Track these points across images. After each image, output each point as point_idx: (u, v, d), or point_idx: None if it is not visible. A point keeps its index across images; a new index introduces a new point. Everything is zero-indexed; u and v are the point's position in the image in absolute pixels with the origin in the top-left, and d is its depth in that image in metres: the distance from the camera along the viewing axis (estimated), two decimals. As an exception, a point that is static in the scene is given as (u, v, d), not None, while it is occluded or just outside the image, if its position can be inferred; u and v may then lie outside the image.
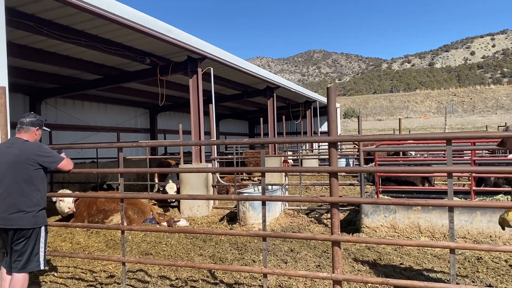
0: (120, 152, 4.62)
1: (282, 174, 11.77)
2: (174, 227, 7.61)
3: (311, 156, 18.47)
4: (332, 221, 3.56)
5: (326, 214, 8.76)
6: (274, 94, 17.33)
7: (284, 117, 18.08)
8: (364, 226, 7.03)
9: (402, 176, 9.01)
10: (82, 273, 5.31)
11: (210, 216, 9.31)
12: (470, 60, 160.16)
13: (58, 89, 13.77)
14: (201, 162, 10.41)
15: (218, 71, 12.66)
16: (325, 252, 6.00)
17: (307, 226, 7.94)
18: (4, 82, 4.57)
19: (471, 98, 69.39)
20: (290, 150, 20.50)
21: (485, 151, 11.87)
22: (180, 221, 8.37)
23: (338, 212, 3.57)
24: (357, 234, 7.05)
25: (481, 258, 5.51)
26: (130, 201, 8.23)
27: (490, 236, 6.27)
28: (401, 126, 15.94)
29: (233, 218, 8.62)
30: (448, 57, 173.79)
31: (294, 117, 24.25)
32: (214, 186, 10.18)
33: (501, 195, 7.30)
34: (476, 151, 8.19)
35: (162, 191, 10.75)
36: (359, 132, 11.41)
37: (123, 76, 12.30)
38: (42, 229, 3.92)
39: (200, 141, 9.70)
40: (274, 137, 17.10)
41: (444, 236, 6.42)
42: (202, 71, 10.78)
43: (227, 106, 24.05)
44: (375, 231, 6.93)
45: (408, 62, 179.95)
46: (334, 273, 3.56)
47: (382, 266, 5.34)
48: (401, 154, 11.68)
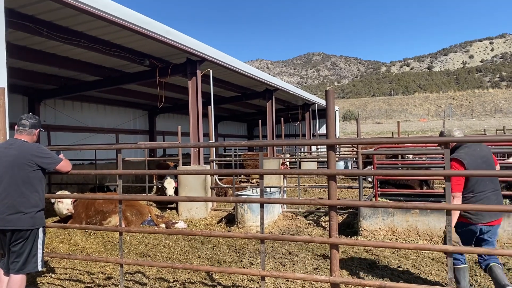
0: (118, 153, 4.62)
1: (281, 176, 11.77)
2: (172, 229, 7.60)
3: (310, 158, 18.50)
4: (330, 224, 3.57)
5: (324, 217, 8.76)
6: (273, 97, 17.35)
7: (283, 119, 18.10)
8: (362, 229, 7.04)
9: (401, 179, 9.03)
10: (80, 274, 5.30)
11: (208, 218, 9.31)
12: (468, 63, 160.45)
13: (57, 90, 13.75)
14: (199, 164, 10.41)
15: (217, 73, 12.68)
16: (323, 254, 6.01)
17: (305, 228, 7.95)
18: (3, 83, 4.57)
19: (470, 102, 69.50)
20: (289, 153, 20.52)
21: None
22: (178, 223, 8.37)
23: (336, 215, 3.58)
24: (355, 237, 7.06)
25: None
26: (128, 202, 8.23)
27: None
28: (399, 129, 15.99)
29: (231, 220, 8.62)
30: (447, 60, 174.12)
31: (293, 119, 24.28)
32: (212, 188, 10.19)
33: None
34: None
35: (161, 188, 10.77)
36: (358, 135, 11.43)
37: (123, 77, 12.30)
38: (40, 230, 3.92)
39: (198, 143, 9.70)
40: (273, 139, 17.11)
41: (442, 239, 6.43)
42: (202, 73, 10.78)
43: (226, 108, 24.07)
44: (373, 234, 6.93)
45: (407, 65, 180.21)
46: (332, 276, 3.56)
47: (380, 269, 5.34)
48: (399, 157, 11.70)
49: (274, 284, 4.79)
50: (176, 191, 10.34)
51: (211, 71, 11.17)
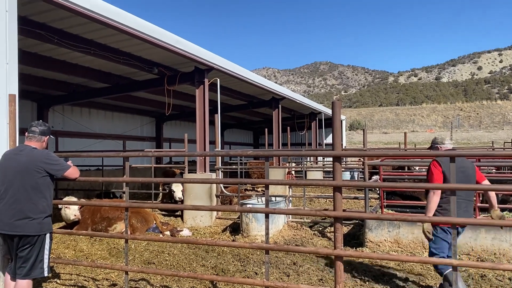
0: (126, 161, 4.67)
1: (286, 186, 11.76)
2: (177, 237, 7.61)
3: (316, 168, 18.44)
4: (335, 235, 3.57)
5: (329, 228, 8.73)
6: (280, 105, 17.38)
7: (289, 128, 18.12)
8: (367, 241, 7.01)
9: (407, 191, 8.97)
10: (85, 280, 5.33)
11: (213, 226, 9.31)
12: (477, 75, 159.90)
13: (66, 96, 13.92)
14: (205, 172, 10.44)
15: (224, 82, 12.76)
16: (327, 265, 5.98)
17: (310, 239, 7.92)
18: (14, 90, 4.65)
19: (478, 113, 69.11)
20: (295, 162, 20.49)
21: (491, 167, 11.78)
22: (183, 230, 8.37)
23: (342, 226, 3.58)
24: (360, 248, 7.02)
25: (484, 275, 5.46)
26: (133, 209, 8.26)
27: (495, 253, 6.23)
28: (406, 140, 15.93)
29: (236, 229, 8.62)
30: (455, 71, 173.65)
31: (299, 128, 24.27)
32: (217, 196, 10.20)
33: (505, 212, 7.25)
34: (482, 168, 8.14)
35: (168, 192, 10.82)
36: (364, 145, 11.40)
37: (131, 85, 12.43)
38: (47, 236, 3.96)
39: (205, 152, 9.75)
40: (279, 148, 17.11)
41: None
42: (209, 82, 10.87)
43: (233, 116, 24.15)
44: (379, 246, 6.89)
45: (414, 76, 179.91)
46: (336, 287, 3.56)
47: (385, 282, 5.31)
48: (406, 168, 11.65)
49: (278, 294, 4.77)
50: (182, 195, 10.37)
51: (219, 80, 11.25)
